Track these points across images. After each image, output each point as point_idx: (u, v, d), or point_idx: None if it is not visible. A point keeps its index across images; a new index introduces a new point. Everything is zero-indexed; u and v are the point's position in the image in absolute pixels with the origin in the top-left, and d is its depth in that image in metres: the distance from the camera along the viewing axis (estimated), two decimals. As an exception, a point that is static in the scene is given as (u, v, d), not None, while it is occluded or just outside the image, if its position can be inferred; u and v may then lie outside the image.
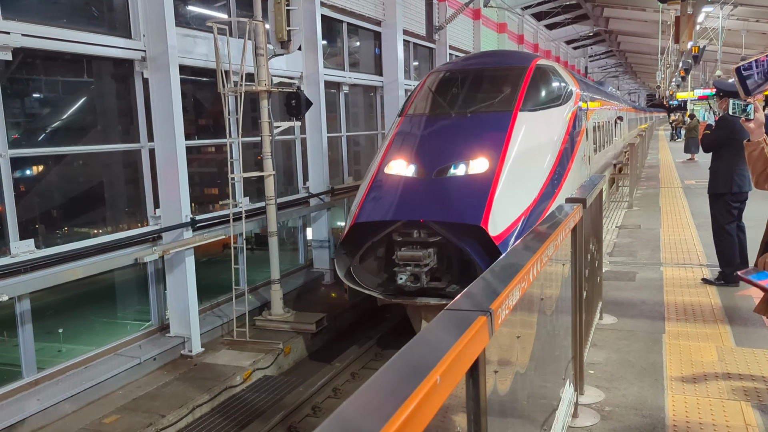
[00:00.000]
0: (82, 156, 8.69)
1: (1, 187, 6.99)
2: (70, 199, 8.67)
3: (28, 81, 8.00)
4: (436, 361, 1.75)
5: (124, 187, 9.27)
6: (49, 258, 7.27)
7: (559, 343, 4.00)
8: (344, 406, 1.55)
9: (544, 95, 9.72)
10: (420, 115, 9.72)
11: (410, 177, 8.49)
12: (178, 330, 9.09)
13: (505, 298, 2.33)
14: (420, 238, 7.83)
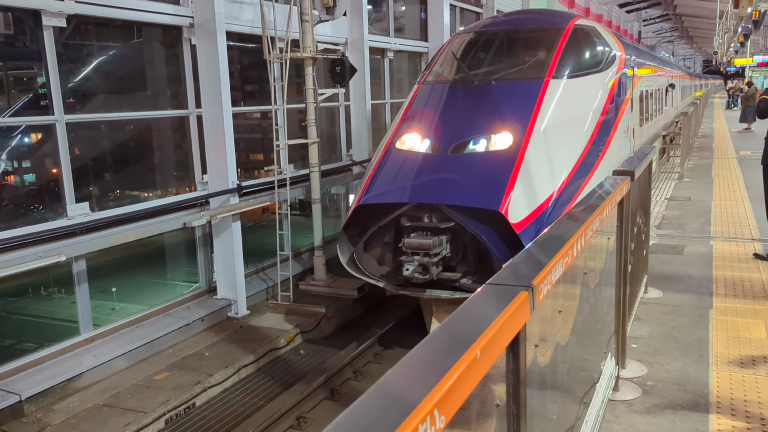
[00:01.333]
0: (133, 121, 8.88)
1: (58, 150, 7.24)
2: (121, 164, 8.88)
3: (81, 47, 8.15)
4: (477, 336, 1.78)
5: (173, 152, 9.44)
6: (102, 221, 7.51)
7: (601, 316, 3.99)
8: (387, 376, 1.60)
9: (582, 60, 8.59)
10: (439, 83, 8.75)
11: (423, 153, 7.63)
12: (224, 293, 9.32)
13: (547, 273, 2.34)
14: (431, 223, 6.99)
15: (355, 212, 7.56)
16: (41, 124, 7.32)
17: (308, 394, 7.28)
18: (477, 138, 7.42)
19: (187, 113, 9.13)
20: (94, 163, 8.36)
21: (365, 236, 7.63)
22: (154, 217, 8.21)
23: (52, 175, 7.52)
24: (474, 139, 7.43)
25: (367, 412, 1.53)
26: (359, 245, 7.68)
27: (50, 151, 7.38)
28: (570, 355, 3.23)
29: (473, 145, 7.40)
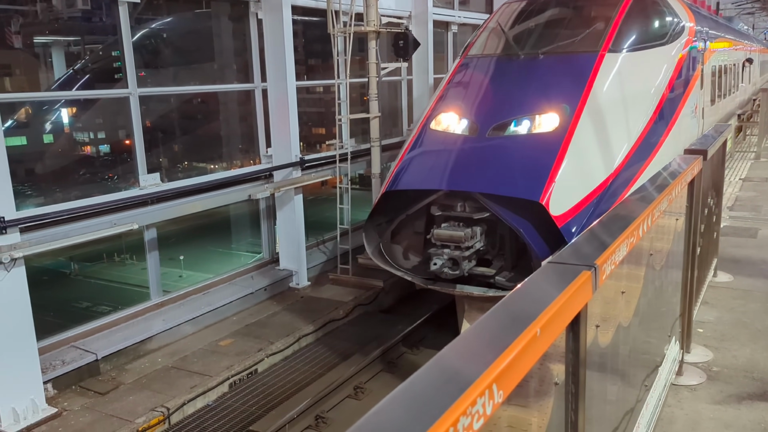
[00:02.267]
0: (201, 95, 9.05)
1: (131, 122, 7.46)
2: (189, 136, 9.08)
3: (152, 22, 8.33)
4: (537, 314, 1.77)
5: (239, 125, 9.58)
6: (172, 191, 7.68)
7: (666, 299, 3.90)
8: (445, 351, 1.62)
9: (645, 31, 7.62)
10: (482, 57, 7.87)
11: (459, 135, 6.87)
12: (286, 264, 9.49)
13: (611, 253, 2.30)
14: (464, 213, 6.30)
15: (383, 198, 6.95)
16: (116, 97, 7.49)
17: (365, 366, 7.38)
18: (519, 118, 6.67)
19: (252, 87, 9.24)
20: (164, 135, 8.54)
21: (393, 225, 7.01)
22: (220, 189, 8.34)
23: (125, 147, 7.74)
24: (516, 119, 6.68)
25: (425, 385, 1.55)
26: (386, 234, 7.07)
27: (123, 123, 7.60)
28: (632, 337, 3.18)
29: (515, 127, 6.66)
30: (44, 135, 8.00)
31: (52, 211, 6.40)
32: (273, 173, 9.15)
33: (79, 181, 7.52)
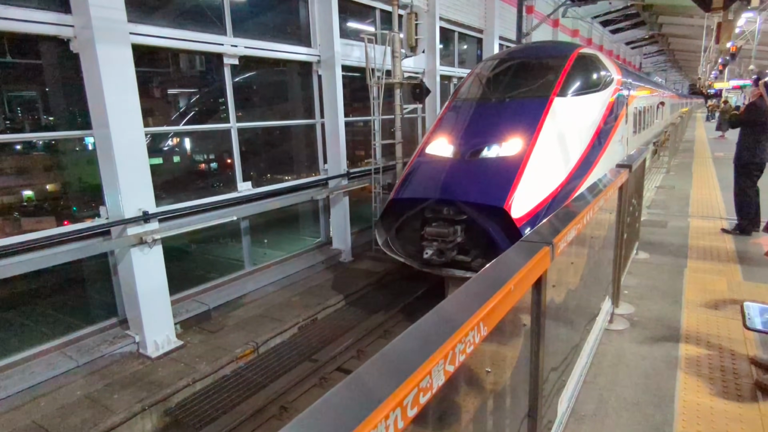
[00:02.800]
0: (279, 127, 9.15)
1: (232, 147, 7.58)
2: (271, 156, 9.16)
3: (251, 78, 8.42)
4: (511, 276, 1.81)
5: (305, 148, 9.67)
6: (259, 194, 7.79)
7: (603, 269, 3.88)
8: (442, 304, 1.67)
9: (584, 82, 7.41)
10: (464, 101, 7.64)
11: (446, 158, 6.67)
12: (337, 244, 9.56)
13: (564, 234, 2.32)
14: (448, 215, 6.16)
15: (390, 204, 6.80)
16: (222, 129, 7.61)
17: (391, 316, 7.40)
18: (491, 145, 6.48)
19: (314, 122, 9.33)
20: (254, 155, 8.64)
21: (397, 224, 6.85)
22: (292, 193, 8.42)
23: (228, 164, 7.86)
24: (488, 146, 6.48)
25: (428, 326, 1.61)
26: (392, 231, 6.90)
27: (226, 148, 7.73)
28: (578, 295, 3.18)
29: (487, 151, 6.45)
30: (174, 156, 8.13)
31: (179, 207, 6.54)
32: (328, 182, 9.22)
33: (197, 188, 7.61)
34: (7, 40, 5.29)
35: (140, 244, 5.71)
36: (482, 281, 1.80)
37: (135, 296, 5.79)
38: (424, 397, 1.36)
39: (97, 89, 5.33)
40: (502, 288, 1.74)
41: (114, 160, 5.45)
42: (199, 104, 7.87)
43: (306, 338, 6.72)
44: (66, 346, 5.62)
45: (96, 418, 4.64)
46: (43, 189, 7.43)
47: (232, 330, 6.58)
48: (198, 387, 5.47)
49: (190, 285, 7.22)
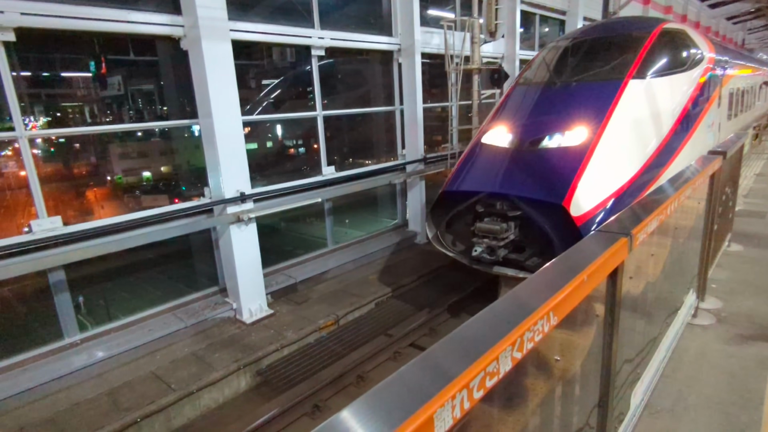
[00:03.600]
0: (361, 115, 9.29)
1: (318, 133, 7.84)
2: (353, 142, 9.35)
3: (335, 68, 8.60)
4: (585, 266, 1.75)
5: (384, 134, 9.76)
6: (342, 178, 8.00)
7: (688, 261, 3.60)
8: (517, 288, 1.66)
9: (667, 61, 6.41)
10: (527, 85, 6.86)
11: (503, 148, 6.02)
12: (413, 227, 9.62)
13: (644, 225, 2.19)
14: (502, 210, 5.58)
15: (441, 197, 6.30)
16: (308, 117, 7.86)
17: (463, 297, 7.37)
18: (552, 134, 5.75)
19: (393, 109, 9.37)
20: (338, 141, 8.86)
21: (447, 217, 6.34)
22: (371, 177, 8.55)
23: (314, 149, 8.15)
24: (550, 135, 5.76)
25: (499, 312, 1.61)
26: (442, 224, 6.40)
27: (313, 134, 8.00)
28: (658, 287, 2.99)
29: (548, 141, 5.73)
30: (267, 142, 8.56)
31: (271, 189, 6.92)
32: (405, 166, 9.26)
33: (286, 170, 7.98)
34: (130, 41, 5.86)
35: (238, 221, 6.15)
36: (555, 270, 1.77)
37: (233, 268, 6.27)
38: (491, 381, 1.38)
39: (203, 82, 5.75)
40: (575, 278, 1.70)
41: (216, 146, 5.88)
42: (289, 93, 8.21)
43: (382, 314, 6.88)
44: (177, 309, 6.25)
45: (200, 373, 5.15)
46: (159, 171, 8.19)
47: (316, 302, 6.89)
48: (285, 352, 5.85)
49: (280, 260, 7.63)
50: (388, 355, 5.95)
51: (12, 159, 6.17)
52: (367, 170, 8.57)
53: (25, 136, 4.81)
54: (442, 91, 10.46)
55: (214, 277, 6.73)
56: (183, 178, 7.15)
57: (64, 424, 4.40)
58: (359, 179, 8.27)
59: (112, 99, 7.13)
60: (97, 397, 4.78)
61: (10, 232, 4.91)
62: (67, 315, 5.30)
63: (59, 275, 5.21)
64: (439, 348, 1.51)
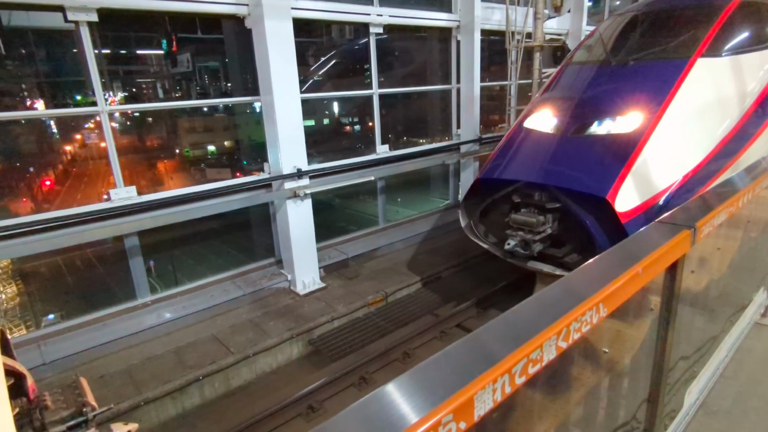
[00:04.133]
0: (416, 93, 9.20)
1: (373, 111, 7.87)
2: (408, 120, 9.31)
3: (392, 45, 8.54)
4: (641, 258, 1.70)
5: (439, 113, 9.64)
6: (396, 156, 8.01)
7: (760, 257, 3.35)
8: (570, 276, 1.63)
9: (745, 37, 5.57)
10: (578, 64, 6.21)
11: (545, 133, 5.48)
12: (465, 207, 9.51)
13: (711, 217, 2.08)
14: (540, 201, 5.09)
15: (476, 184, 5.88)
16: (364, 95, 7.89)
17: (511, 282, 7.25)
18: (602, 120, 5.17)
19: (450, 87, 9.21)
20: (392, 119, 8.86)
21: (482, 206, 5.94)
22: (425, 156, 8.50)
23: (369, 127, 8.19)
24: (599, 120, 5.18)
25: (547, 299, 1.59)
26: (476, 213, 6.04)
27: (368, 112, 8.03)
28: (724, 283, 2.82)
29: (596, 127, 5.16)
30: (323, 119, 8.70)
31: (326, 166, 7.06)
32: (460, 146, 9.13)
33: (341, 148, 8.11)
34: (199, 20, 6.10)
35: (294, 197, 6.35)
36: (609, 259, 1.73)
37: (288, 241, 6.52)
38: (534, 367, 1.39)
39: (264, 60, 5.91)
40: (628, 270, 1.65)
41: (276, 123, 6.06)
42: (345, 71, 8.26)
43: (430, 293, 6.93)
44: (236, 278, 6.61)
45: (256, 339, 5.46)
46: (222, 145, 8.56)
47: (366, 278, 7.04)
48: (335, 324, 6.06)
49: (333, 235, 7.83)
50: (434, 334, 6.02)
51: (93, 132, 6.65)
52: (421, 150, 8.53)
53: (106, 111, 5.18)
54: (500, 69, 10.13)
55: (272, 249, 7.03)
56: (244, 152, 7.44)
57: (137, 376, 4.83)
58: (413, 158, 8.25)
59: (181, 76, 7.47)
60: (165, 354, 5.20)
61: (91, 199, 5.35)
62: (139, 278, 5.76)
63: (133, 241, 5.65)
64: (484, 331, 1.53)
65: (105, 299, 5.72)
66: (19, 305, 7.06)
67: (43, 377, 4.70)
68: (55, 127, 6.55)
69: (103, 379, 4.78)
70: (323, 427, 1.16)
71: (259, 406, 4.72)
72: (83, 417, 2.40)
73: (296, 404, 4.76)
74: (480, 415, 1.26)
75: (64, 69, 5.79)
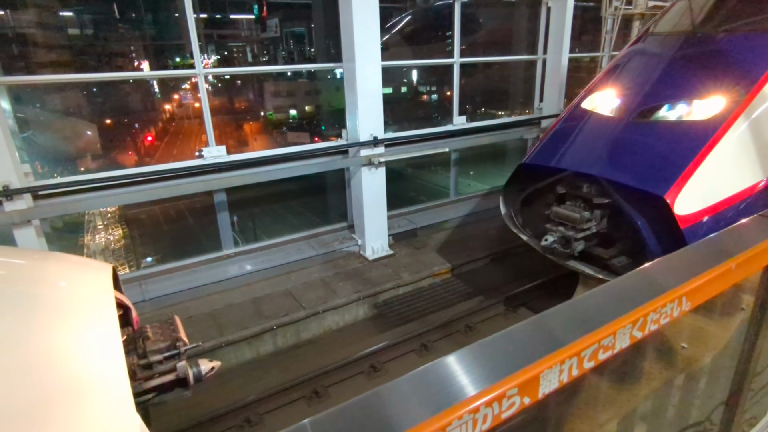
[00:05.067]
0: (498, 63, 8.85)
1: (453, 80, 7.70)
2: (487, 91, 9.03)
3: (476, 11, 8.23)
4: (736, 253, 1.58)
5: (522, 84, 9.23)
6: (471, 129, 7.86)
7: None
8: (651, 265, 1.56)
9: None
10: (655, 36, 5.29)
11: (604, 117, 4.78)
12: (541, 185, 9.16)
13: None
14: (588, 194, 4.47)
15: (519, 170, 5.34)
16: (444, 64, 7.74)
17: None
18: (674, 103, 4.34)
19: (536, 58, 8.75)
20: (471, 89, 8.64)
21: (523, 195, 5.46)
22: (503, 130, 8.25)
23: (447, 97, 8.05)
24: (670, 103, 4.35)
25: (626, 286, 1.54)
26: (517, 201, 5.58)
27: (447, 81, 7.87)
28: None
29: (665, 112, 4.36)
30: (401, 87, 8.67)
31: (402, 135, 7.09)
32: (540, 121, 8.73)
33: (418, 117, 8.07)
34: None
35: (369, 164, 6.47)
36: (699, 251, 1.63)
37: (361, 207, 6.69)
38: (604, 354, 1.37)
39: (348, 26, 5.95)
40: (720, 264, 1.55)
41: (356, 90, 6.13)
42: (426, 38, 8.10)
43: (497, 270, 6.87)
44: (310, 238, 6.93)
45: (326, 297, 5.75)
46: (303, 110, 8.82)
47: (433, 249, 7.10)
48: (400, 291, 6.21)
49: (403, 204, 7.92)
50: (498, 310, 5.98)
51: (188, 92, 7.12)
52: (499, 122, 8.28)
53: (202, 74, 5.52)
54: (592, 40, 9.43)
55: (344, 214, 7.26)
56: (323, 118, 7.63)
57: (219, 320, 5.31)
58: (490, 131, 8.04)
59: (269, 41, 7.72)
60: (244, 303, 5.64)
61: (185, 155, 5.80)
62: (225, 231, 6.23)
63: (221, 196, 6.08)
64: (554, 313, 1.52)
65: (195, 248, 6.27)
66: (123, 247, 7.94)
67: (143, 312, 5.31)
68: (156, 87, 7.09)
69: (191, 319, 5.31)
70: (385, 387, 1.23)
71: (325, 360, 5.02)
72: (176, 350, 2.70)
73: (359, 362, 5.01)
74: (545, 393, 1.28)
75: (167, 33, 6.21)
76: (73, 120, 6.22)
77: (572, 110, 5.33)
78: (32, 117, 5.52)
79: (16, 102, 5.06)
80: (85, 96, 6.37)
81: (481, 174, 9.37)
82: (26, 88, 5.17)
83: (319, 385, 4.66)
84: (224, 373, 4.90)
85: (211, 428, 4.25)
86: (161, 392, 2.62)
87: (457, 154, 8.23)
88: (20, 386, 1.60)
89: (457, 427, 1.14)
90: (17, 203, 4.73)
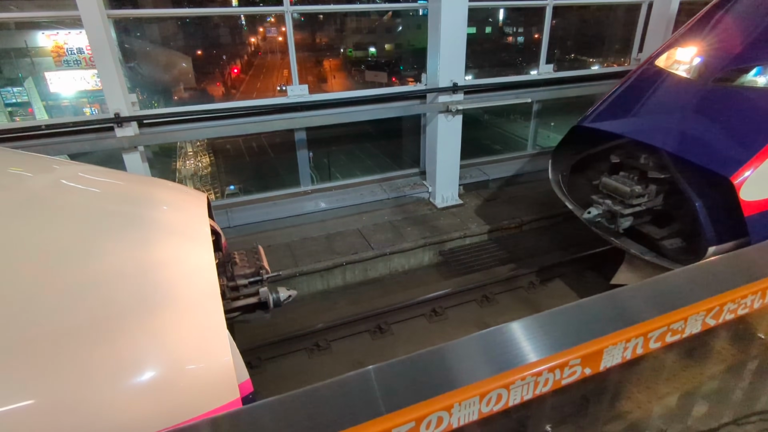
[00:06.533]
0: (597, 6, 8.11)
1: (543, 24, 7.23)
2: (580, 37, 8.38)
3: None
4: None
5: (620, 30, 8.43)
6: (556, 78, 7.40)
7: None
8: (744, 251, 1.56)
9: None
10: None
11: (677, 77, 4.15)
12: (628, 143, 8.62)
13: None
14: (645, 166, 4.03)
15: (570, 133, 4.96)
16: (537, 5, 7.25)
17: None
18: (767, 66, 3.68)
19: (640, 1, 7.92)
20: (563, 34, 8.06)
21: (574, 160, 5.08)
22: (589, 81, 7.69)
23: (535, 40, 7.58)
24: (763, 65, 3.70)
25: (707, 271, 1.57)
26: (568, 167, 5.19)
27: (536, 23, 7.41)
28: None
29: (754, 76, 3.71)
30: (485, 27, 8.28)
31: (483, 82, 6.88)
32: (638, 73, 8.04)
33: (500, 62, 7.74)
34: None
35: (446, 111, 6.41)
36: (756, 252, 1.61)
37: (434, 155, 6.74)
38: (672, 337, 1.46)
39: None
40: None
41: (440, 32, 5.98)
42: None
43: (568, 229, 6.74)
44: (382, 182, 7.14)
45: (394, 240, 6.01)
46: (382, 48, 8.75)
47: (503, 203, 7.06)
48: (467, 241, 6.34)
49: (477, 154, 7.83)
50: (564, 270, 5.97)
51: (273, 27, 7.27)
52: (589, 73, 7.76)
53: (289, 11, 5.62)
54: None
55: (417, 159, 7.34)
56: (402, 57, 7.55)
57: (295, 251, 5.77)
58: (578, 83, 7.58)
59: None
60: (318, 238, 6.05)
61: (267, 89, 6.07)
62: (304, 168, 6.58)
63: (301, 135, 6.37)
64: (628, 291, 1.60)
65: (275, 182, 6.71)
66: (210, 174, 8.61)
67: (229, 238, 5.87)
68: (243, 19, 7.29)
69: (270, 248, 5.81)
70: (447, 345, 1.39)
71: (390, 300, 5.36)
72: (260, 277, 3.05)
73: (422, 305, 5.30)
74: (606, 366, 1.40)
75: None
76: (170, 51, 6.64)
77: (644, 67, 4.80)
78: (136, 48, 5.97)
79: (124, 33, 5.48)
80: (180, 27, 6.73)
81: (562, 125, 8.90)
82: (131, 21, 5.56)
83: (383, 322, 5.03)
84: (297, 300, 5.40)
85: (286, 347, 4.79)
86: (245, 312, 3.02)
87: (540, 105, 7.89)
88: (136, 286, 1.97)
89: (519, 386, 1.30)
90: (126, 130, 5.27)
